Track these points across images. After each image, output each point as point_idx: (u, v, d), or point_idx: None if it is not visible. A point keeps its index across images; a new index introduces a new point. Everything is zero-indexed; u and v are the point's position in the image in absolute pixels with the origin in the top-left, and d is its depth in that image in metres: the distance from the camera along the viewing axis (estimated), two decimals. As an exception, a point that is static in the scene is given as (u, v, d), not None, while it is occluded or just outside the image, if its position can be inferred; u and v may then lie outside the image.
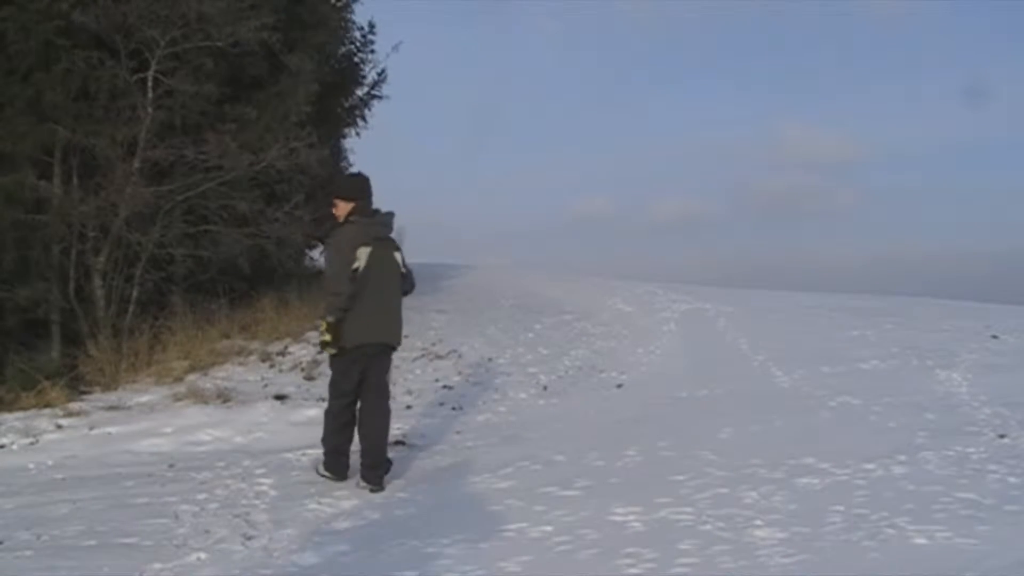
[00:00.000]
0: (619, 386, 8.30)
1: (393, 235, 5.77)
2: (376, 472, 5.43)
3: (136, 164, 8.73)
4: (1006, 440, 5.49)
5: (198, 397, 7.58)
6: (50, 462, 6.41)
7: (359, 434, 5.57)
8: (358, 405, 5.59)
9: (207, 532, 4.55)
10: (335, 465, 5.58)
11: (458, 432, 6.85)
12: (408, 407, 7.54)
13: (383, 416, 5.60)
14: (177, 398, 7.64)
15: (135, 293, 8.88)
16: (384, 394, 5.67)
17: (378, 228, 5.62)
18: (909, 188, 48.20)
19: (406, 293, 5.81)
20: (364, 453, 5.49)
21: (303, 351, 8.97)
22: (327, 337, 5.47)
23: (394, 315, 5.65)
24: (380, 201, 5.81)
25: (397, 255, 5.69)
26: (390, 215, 5.72)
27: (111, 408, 7.38)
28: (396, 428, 7.01)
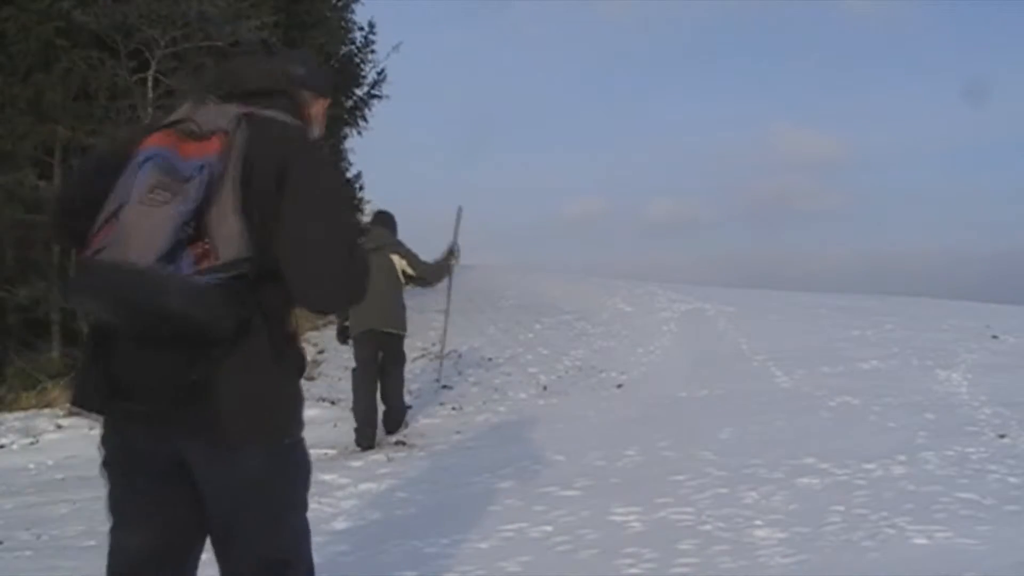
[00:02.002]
0: (619, 386, 8.30)
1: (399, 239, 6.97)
2: (387, 421, 6.81)
3: (136, 164, 8.73)
4: (1006, 440, 5.49)
5: (198, 397, 7.58)
6: (50, 462, 6.41)
7: (382, 398, 6.81)
8: (379, 385, 6.81)
9: (207, 532, 4.54)
10: (360, 437, 6.54)
11: (458, 432, 6.85)
12: (408, 407, 7.54)
13: (392, 382, 6.85)
14: (177, 398, 7.63)
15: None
16: (391, 370, 6.83)
17: (365, 241, 6.78)
18: (899, 188, 48.40)
19: (427, 283, 7.22)
20: (384, 412, 6.83)
21: (303, 351, 8.97)
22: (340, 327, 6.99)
23: (380, 308, 6.55)
24: (379, 201, 6.18)
25: (394, 257, 6.79)
26: (379, 229, 6.90)
27: (111, 408, 7.37)
28: (396, 428, 7.03)
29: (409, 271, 6.87)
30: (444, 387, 8.27)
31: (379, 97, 12.67)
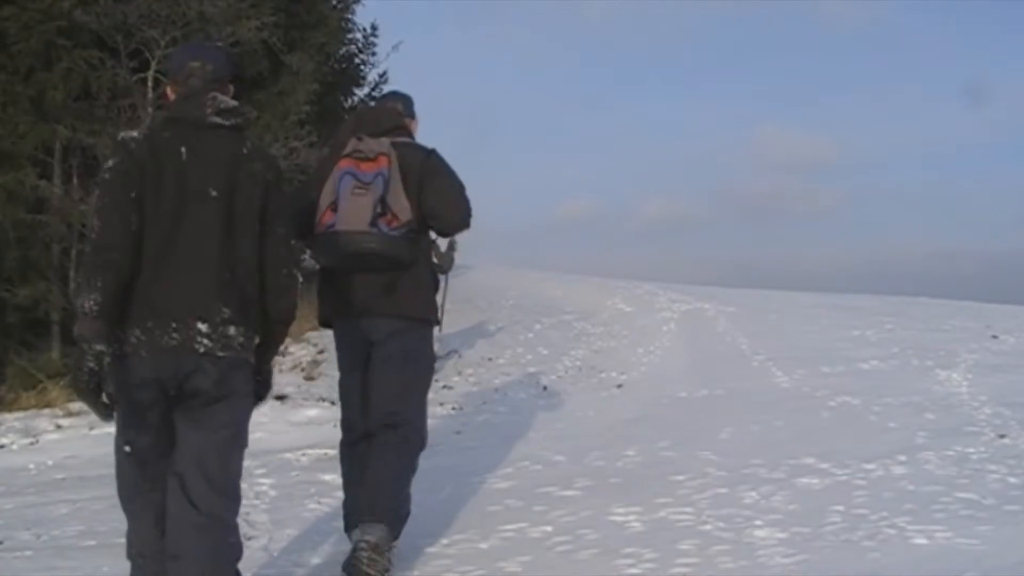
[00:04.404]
0: (619, 386, 8.30)
1: None
2: None
3: (136, 164, 8.73)
4: (1006, 440, 5.49)
5: (198, 397, 7.57)
6: (50, 462, 6.41)
7: None
8: None
9: (207, 532, 4.54)
10: None
11: (458, 432, 6.85)
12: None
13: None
14: (177, 398, 7.63)
15: (135, 293, 8.88)
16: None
17: None
18: (894, 189, 48.42)
19: (442, 267, 7.85)
20: None
21: (303, 351, 8.97)
22: None
23: None
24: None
25: None
26: None
27: (111, 408, 7.36)
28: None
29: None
30: (444, 387, 8.27)
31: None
